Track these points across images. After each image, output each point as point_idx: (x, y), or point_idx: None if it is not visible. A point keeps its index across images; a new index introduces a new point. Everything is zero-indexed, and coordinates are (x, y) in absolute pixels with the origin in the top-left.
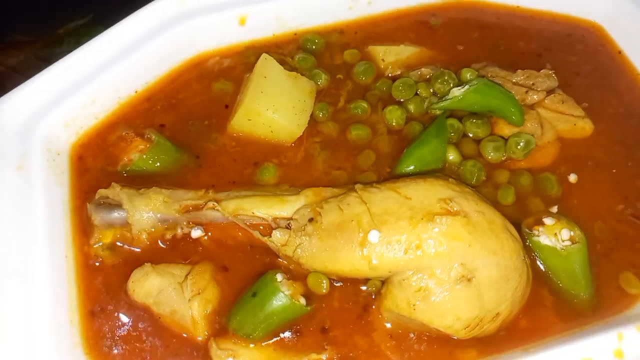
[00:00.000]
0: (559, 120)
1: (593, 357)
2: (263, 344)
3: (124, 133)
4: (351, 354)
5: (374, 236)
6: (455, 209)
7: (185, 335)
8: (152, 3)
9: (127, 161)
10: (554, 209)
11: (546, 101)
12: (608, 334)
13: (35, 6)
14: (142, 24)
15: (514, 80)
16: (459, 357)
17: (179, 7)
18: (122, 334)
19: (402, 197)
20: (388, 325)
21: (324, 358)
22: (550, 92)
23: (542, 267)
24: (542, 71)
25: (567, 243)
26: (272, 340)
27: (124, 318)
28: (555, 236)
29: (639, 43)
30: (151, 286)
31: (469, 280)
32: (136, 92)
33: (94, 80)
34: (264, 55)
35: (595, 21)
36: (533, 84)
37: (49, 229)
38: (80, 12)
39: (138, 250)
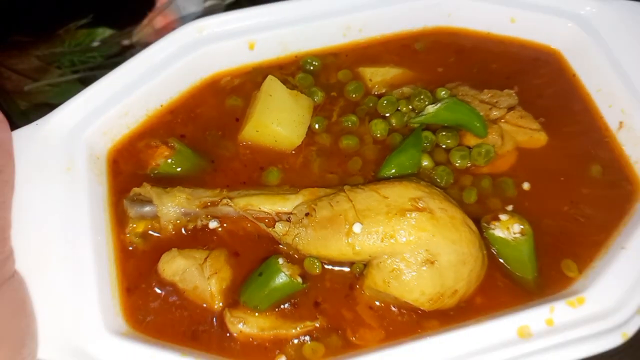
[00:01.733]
0: (518, 132)
1: (529, 325)
2: (267, 313)
3: (152, 142)
4: (339, 323)
5: (357, 228)
6: (422, 206)
7: (205, 305)
8: (174, 31)
9: (155, 165)
10: (510, 208)
11: (507, 116)
12: (543, 306)
13: (36, 7)
14: (166, 48)
15: (480, 99)
16: (424, 325)
17: (197, 34)
18: (154, 305)
19: (381, 197)
20: (369, 300)
21: (317, 325)
22: (511, 108)
23: (496, 254)
24: (505, 91)
25: (518, 235)
26: (275, 311)
27: (154, 293)
28: (508, 229)
29: (590, 67)
30: (177, 267)
31: (432, 263)
32: (162, 106)
33: (127, 96)
34: (270, 76)
35: (555, 47)
36: (496, 102)
37: (92, 220)
38: (80, 13)
39: (164, 237)
